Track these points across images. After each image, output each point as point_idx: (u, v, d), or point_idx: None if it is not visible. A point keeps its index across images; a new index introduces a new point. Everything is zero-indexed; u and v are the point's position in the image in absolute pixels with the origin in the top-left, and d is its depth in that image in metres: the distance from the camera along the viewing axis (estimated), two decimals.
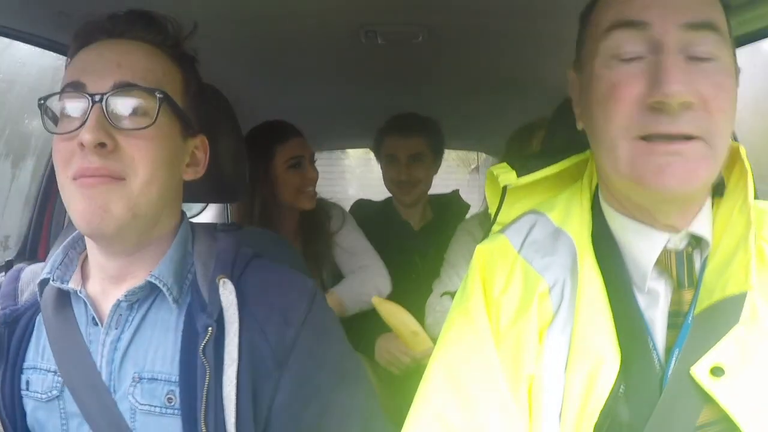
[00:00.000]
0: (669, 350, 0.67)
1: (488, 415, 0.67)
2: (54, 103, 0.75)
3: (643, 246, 0.69)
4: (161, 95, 0.73)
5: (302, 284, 0.81)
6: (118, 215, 0.71)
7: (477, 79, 1.77)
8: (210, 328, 0.73)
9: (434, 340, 1.59)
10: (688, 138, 0.62)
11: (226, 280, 0.76)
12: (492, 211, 0.84)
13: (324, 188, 1.97)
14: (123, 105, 0.72)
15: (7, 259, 1.28)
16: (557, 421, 0.66)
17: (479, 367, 0.69)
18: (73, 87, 0.73)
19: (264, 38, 1.37)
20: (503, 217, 0.83)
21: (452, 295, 1.65)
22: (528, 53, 1.50)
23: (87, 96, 0.71)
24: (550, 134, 1.06)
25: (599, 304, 0.68)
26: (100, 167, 0.70)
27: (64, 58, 0.82)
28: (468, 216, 2.00)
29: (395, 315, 1.55)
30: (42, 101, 0.75)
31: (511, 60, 1.57)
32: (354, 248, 1.78)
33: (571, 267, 0.72)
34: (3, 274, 1.24)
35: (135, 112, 0.73)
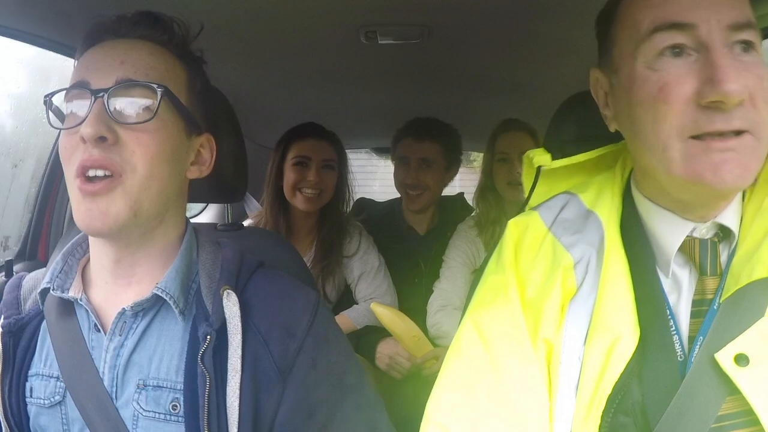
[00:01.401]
0: (693, 339, 0.68)
1: (515, 378, 0.71)
2: (60, 101, 0.76)
3: (669, 232, 0.71)
4: (162, 89, 0.74)
5: (306, 296, 0.81)
6: (119, 215, 0.72)
7: (477, 79, 1.77)
8: (208, 336, 0.73)
9: (435, 343, 1.61)
10: (739, 133, 0.63)
11: (230, 291, 0.77)
12: (526, 192, 0.88)
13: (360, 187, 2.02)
14: (124, 100, 0.73)
15: (7, 259, 1.28)
16: (573, 395, 0.69)
17: (509, 332, 0.73)
18: (78, 85, 0.74)
19: (264, 39, 1.37)
20: (538, 199, 0.86)
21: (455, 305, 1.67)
22: (528, 53, 1.50)
23: (90, 92, 0.72)
24: (554, 129, 1.05)
25: (622, 284, 0.71)
26: (100, 158, 0.70)
27: (64, 57, 0.83)
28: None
29: (395, 321, 1.56)
30: (47, 98, 0.76)
31: (511, 60, 1.57)
32: (369, 273, 1.79)
33: (597, 246, 0.75)
34: (2, 274, 1.24)
35: (136, 106, 0.73)
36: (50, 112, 0.77)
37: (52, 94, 0.76)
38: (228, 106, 1.04)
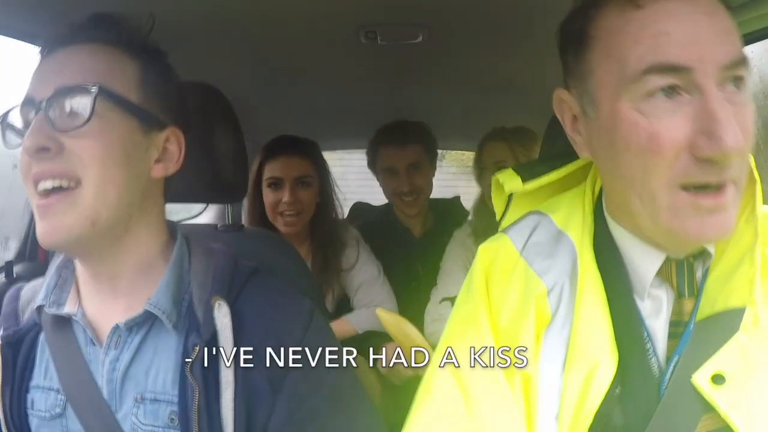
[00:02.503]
0: (669, 359, 0.67)
1: (490, 414, 0.68)
2: (14, 119, 0.75)
3: (645, 260, 0.68)
4: (94, 89, 0.71)
5: (299, 306, 0.80)
6: (74, 227, 0.70)
7: (477, 79, 1.77)
8: (197, 347, 0.72)
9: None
10: (721, 186, 0.60)
11: (221, 302, 0.75)
12: (498, 217, 0.85)
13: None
14: (62, 107, 0.71)
15: (7, 260, 1.28)
16: (554, 423, 0.67)
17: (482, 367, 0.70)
18: (25, 101, 0.73)
19: (264, 39, 1.37)
20: (509, 219, 0.83)
21: (452, 300, 1.65)
22: (528, 54, 1.50)
23: (32, 105, 0.71)
24: (548, 140, 1.05)
25: (598, 307, 0.69)
26: (48, 168, 0.69)
27: None
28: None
29: (399, 327, 1.54)
30: (3, 117, 0.75)
31: (510, 60, 1.57)
32: (368, 282, 1.76)
33: (570, 270, 0.72)
34: (2, 275, 1.24)
35: (74, 111, 0.71)
36: (7, 131, 0.75)
37: (7, 112, 0.75)
38: (228, 107, 1.04)
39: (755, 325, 0.63)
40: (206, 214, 2.54)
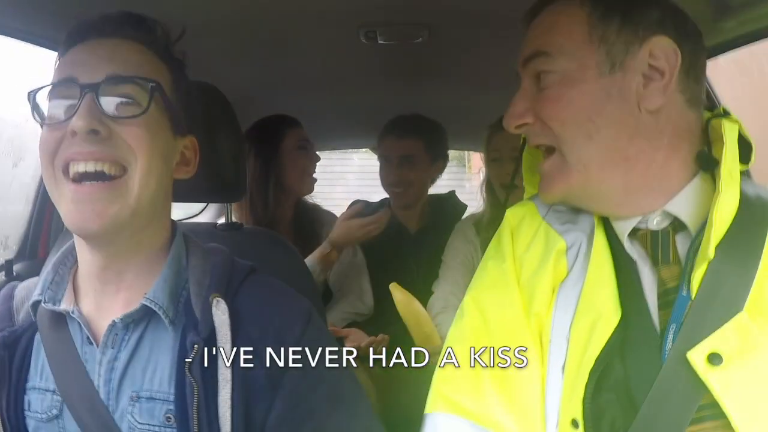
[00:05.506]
0: (664, 330, 0.68)
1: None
2: (46, 96, 0.75)
3: (618, 225, 0.76)
4: (152, 84, 0.73)
5: (298, 304, 0.80)
6: (116, 216, 0.70)
7: (477, 78, 1.77)
8: (196, 345, 0.72)
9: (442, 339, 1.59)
10: (550, 150, 0.75)
11: (219, 299, 0.75)
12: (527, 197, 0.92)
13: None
14: (115, 94, 0.72)
15: (6, 259, 1.28)
16: (560, 373, 0.73)
17: (506, 313, 0.79)
18: (66, 80, 0.73)
19: (264, 39, 1.37)
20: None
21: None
22: None
23: (78, 87, 0.71)
24: None
25: (606, 269, 0.75)
26: (94, 151, 0.69)
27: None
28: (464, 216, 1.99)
29: (410, 306, 1.51)
30: (32, 94, 0.75)
31: (511, 59, 1.57)
32: (345, 266, 1.79)
33: (588, 233, 0.78)
34: (2, 273, 1.24)
35: (127, 101, 0.72)
36: (35, 107, 0.75)
37: (37, 90, 0.75)
38: (228, 106, 1.04)
39: (757, 307, 0.64)
40: (206, 213, 2.54)
